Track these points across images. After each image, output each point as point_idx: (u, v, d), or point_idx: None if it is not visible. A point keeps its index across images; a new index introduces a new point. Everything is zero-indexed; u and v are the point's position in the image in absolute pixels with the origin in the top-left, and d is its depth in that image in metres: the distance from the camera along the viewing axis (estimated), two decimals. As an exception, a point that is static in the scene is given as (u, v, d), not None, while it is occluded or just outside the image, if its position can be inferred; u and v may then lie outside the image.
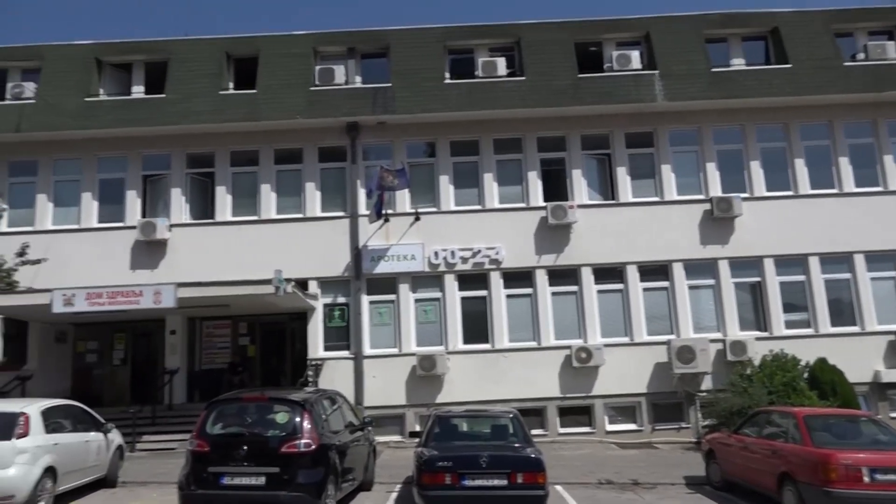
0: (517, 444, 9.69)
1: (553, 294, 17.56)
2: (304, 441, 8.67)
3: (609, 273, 17.65)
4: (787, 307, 17.47)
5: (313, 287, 17.51)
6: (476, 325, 17.40)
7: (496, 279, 17.55)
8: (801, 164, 18.05)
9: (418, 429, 13.65)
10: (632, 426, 16.90)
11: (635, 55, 18.21)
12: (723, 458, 11.41)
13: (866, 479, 8.54)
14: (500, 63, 18.10)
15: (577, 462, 13.85)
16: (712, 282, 17.62)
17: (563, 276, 17.64)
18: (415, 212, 17.68)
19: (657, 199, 17.96)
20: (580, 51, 18.33)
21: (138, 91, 18.79)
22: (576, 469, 13.01)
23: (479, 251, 17.54)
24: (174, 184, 18.20)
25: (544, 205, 17.59)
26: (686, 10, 18.76)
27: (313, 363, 17.04)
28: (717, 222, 17.59)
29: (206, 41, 18.67)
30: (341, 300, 17.68)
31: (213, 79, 18.14)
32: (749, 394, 14.79)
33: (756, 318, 17.54)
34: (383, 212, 17.13)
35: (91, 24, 61.53)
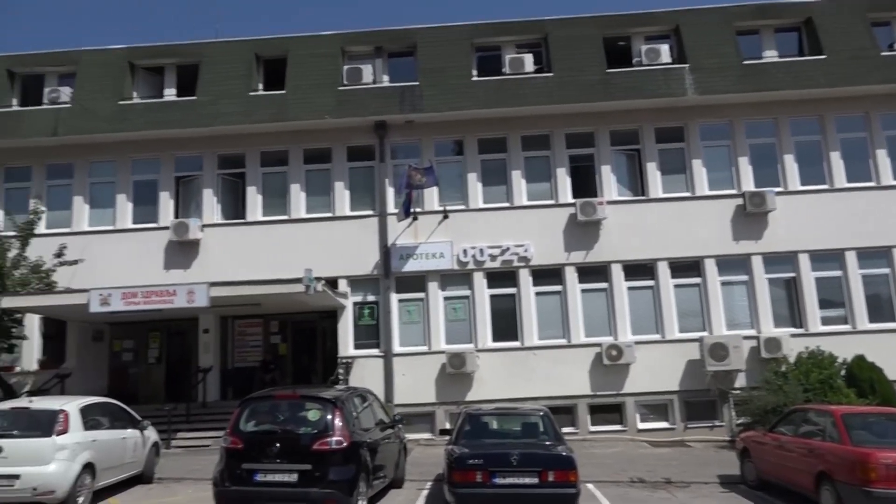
0: (548, 442, 9.66)
1: (583, 291, 17.44)
2: (335, 438, 8.74)
3: (639, 269, 17.48)
4: (823, 303, 17.14)
5: (343, 286, 17.63)
6: (505, 323, 17.36)
7: (525, 276, 17.49)
8: (836, 157, 17.68)
9: (448, 427, 13.73)
10: (664, 424, 16.73)
11: (664, 49, 18.00)
12: (758, 457, 11.24)
13: (907, 478, 8.33)
14: (528, 59, 18.02)
15: (609, 460, 13.75)
16: (745, 278, 17.35)
17: (593, 272, 17.52)
18: (443, 210, 17.70)
19: (688, 195, 17.74)
20: (608, 46, 18.16)
21: (170, 94, 19.09)
22: (607, 467, 12.91)
23: (507, 248, 17.49)
24: (206, 184, 18.47)
25: (573, 201, 17.48)
26: (716, 3, 18.37)
27: (343, 361, 17.17)
28: (750, 217, 17.31)
29: (235, 43, 18.89)
30: (371, 298, 17.78)
31: (243, 80, 18.35)
32: (784, 392, 14.54)
33: (791, 314, 17.24)
34: (412, 210, 17.18)
35: (124, 28, 62.68)
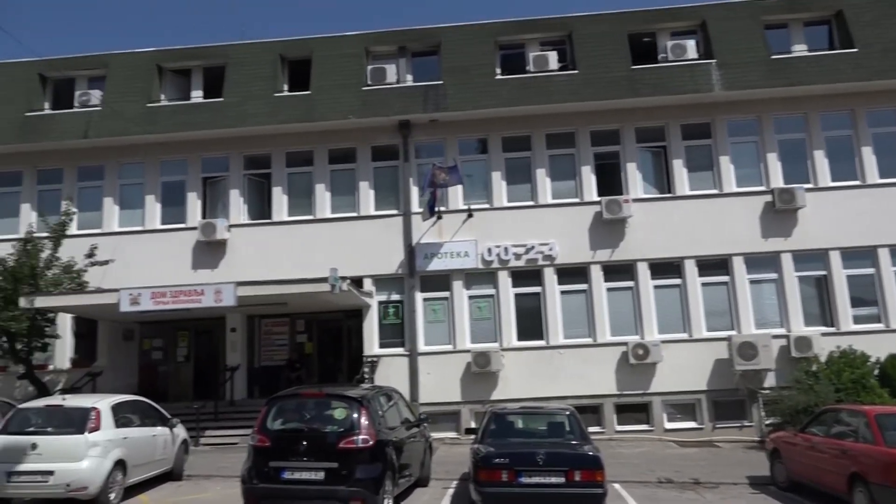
0: (574, 442, 9.60)
1: (608, 290, 17.31)
2: (361, 437, 8.77)
3: (666, 268, 17.31)
4: (856, 301, 16.81)
5: (368, 285, 17.70)
6: (530, 322, 17.30)
7: (550, 275, 17.41)
8: (868, 153, 17.33)
9: (474, 425, 13.71)
10: (692, 424, 16.54)
11: (691, 44, 17.79)
12: (788, 458, 11.07)
13: (944, 480, 8.16)
14: (552, 57, 17.92)
15: (636, 460, 13.65)
16: (775, 276, 17.09)
17: (619, 271, 17.39)
18: (467, 209, 17.68)
19: (716, 192, 17.52)
20: (633, 42, 18.00)
21: (197, 95, 19.31)
22: (634, 467, 12.82)
23: (532, 247, 17.43)
24: (232, 185, 18.65)
25: (598, 199, 17.36)
26: (743, -3, 18.09)
27: (369, 360, 17.24)
28: (780, 214, 17.05)
29: (261, 45, 19.05)
30: (395, 297, 17.83)
31: (269, 81, 18.51)
32: (815, 391, 14.31)
33: (822, 312, 16.95)
34: (436, 209, 17.19)
35: (152, 31, 63.61)
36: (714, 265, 17.25)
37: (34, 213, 18.71)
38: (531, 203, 17.81)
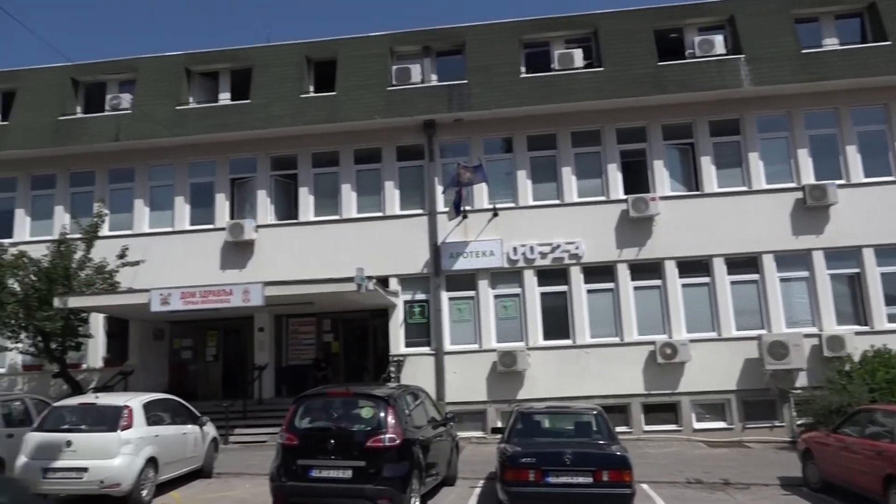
0: (602, 442, 9.54)
1: (635, 288, 17.17)
2: (388, 436, 8.81)
3: (694, 266, 17.11)
4: (890, 300, 16.45)
5: (394, 284, 17.76)
6: (556, 321, 17.22)
7: (576, 274, 17.31)
8: (902, 147, 16.99)
9: (500, 425, 13.68)
10: (721, 424, 16.34)
11: (719, 40, 17.56)
12: (821, 459, 10.88)
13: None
14: (577, 54, 17.83)
15: (664, 460, 13.52)
16: (806, 274, 16.80)
17: (646, 270, 17.22)
18: (493, 208, 17.65)
19: (745, 189, 17.28)
20: (660, 38, 17.82)
21: (224, 98, 19.54)
22: (662, 468, 12.70)
23: (558, 246, 17.34)
24: (259, 186, 18.84)
25: (625, 197, 17.22)
26: (772, -9, 17.78)
27: (395, 359, 17.30)
28: (811, 211, 16.76)
29: (286, 47, 19.21)
30: (421, 297, 17.86)
31: (295, 83, 18.66)
32: (849, 391, 14.05)
33: (855, 311, 16.63)
34: (462, 208, 17.18)
35: (180, 35, 64.50)
36: (743, 263, 17.01)
37: (67, 215, 19.07)
38: (557, 202, 17.73)
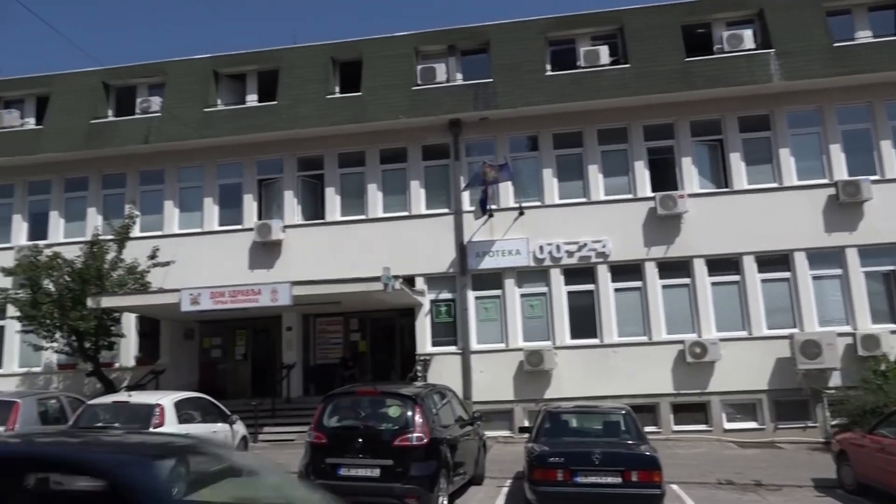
0: (631, 442, 9.47)
1: (664, 287, 16.99)
2: (416, 435, 8.84)
3: (724, 264, 16.88)
4: (927, 298, 16.12)
5: (420, 283, 17.79)
6: (583, 320, 17.11)
7: (603, 273, 17.18)
8: (939, 142, 16.59)
9: (527, 424, 13.65)
10: (752, 424, 16.10)
11: (748, 34, 17.29)
12: (856, 460, 10.66)
13: None
14: (603, 51, 17.68)
15: (694, 461, 13.36)
16: (839, 271, 16.49)
17: (674, 268, 17.04)
18: (519, 206, 17.60)
19: (775, 185, 17.00)
20: (687, 33, 17.60)
21: (252, 99, 19.74)
22: (693, 468, 12.54)
23: (585, 244, 17.23)
24: (286, 186, 19.01)
25: (652, 195, 17.04)
26: (804, -17, 17.44)
27: (422, 358, 17.33)
28: (844, 208, 16.43)
29: (312, 48, 19.34)
30: (447, 296, 17.87)
31: (321, 84, 18.78)
32: (885, 391, 13.74)
33: (890, 309, 16.27)
34: (488, 207, 17.15)
35: (209, 38, 65.32)
36: (774, 261, 16.74)
37: (100, 217, 19.40)
38: (583, 200, 17.61)
